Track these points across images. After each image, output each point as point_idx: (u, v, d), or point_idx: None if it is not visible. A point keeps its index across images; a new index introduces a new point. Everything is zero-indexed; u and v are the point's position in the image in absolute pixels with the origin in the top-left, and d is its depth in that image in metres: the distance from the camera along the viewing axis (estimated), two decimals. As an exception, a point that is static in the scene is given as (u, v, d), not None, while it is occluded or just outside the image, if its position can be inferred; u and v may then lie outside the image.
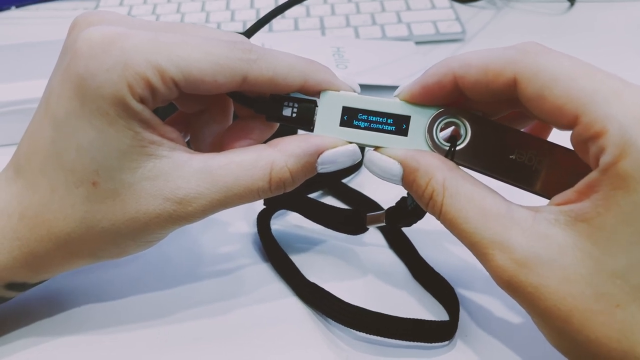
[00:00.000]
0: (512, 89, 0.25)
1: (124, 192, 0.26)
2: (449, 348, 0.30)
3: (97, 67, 0.25)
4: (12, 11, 0.71)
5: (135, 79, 0.24)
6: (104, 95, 0.25)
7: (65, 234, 0.27)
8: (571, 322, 0.23)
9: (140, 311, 0.32)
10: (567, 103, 0.23)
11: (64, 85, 0.26)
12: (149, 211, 0.26)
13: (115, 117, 0.25)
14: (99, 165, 0.26)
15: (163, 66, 0.25)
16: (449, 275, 0.33)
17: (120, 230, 0.27)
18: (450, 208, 0.25)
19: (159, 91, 0.25)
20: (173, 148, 0.27)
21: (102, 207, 0.26)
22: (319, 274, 0.34)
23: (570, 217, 0.23)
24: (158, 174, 0.26)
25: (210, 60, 0.25)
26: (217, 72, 0.26)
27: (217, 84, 0.26)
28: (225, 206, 0.27)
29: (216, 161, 0.27)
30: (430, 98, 0.27)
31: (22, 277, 0.28)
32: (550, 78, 0.23)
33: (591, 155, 0.23)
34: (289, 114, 0.28)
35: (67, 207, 0.26)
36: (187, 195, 0.26)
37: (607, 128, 0.22)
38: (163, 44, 0.25)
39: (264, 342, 0.31)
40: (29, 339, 0.31)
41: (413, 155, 0.27)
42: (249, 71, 0.26)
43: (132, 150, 0.26)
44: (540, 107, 0.24)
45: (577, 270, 0.23)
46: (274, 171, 0.27)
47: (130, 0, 0.68)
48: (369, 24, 0.61)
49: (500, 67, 0.25)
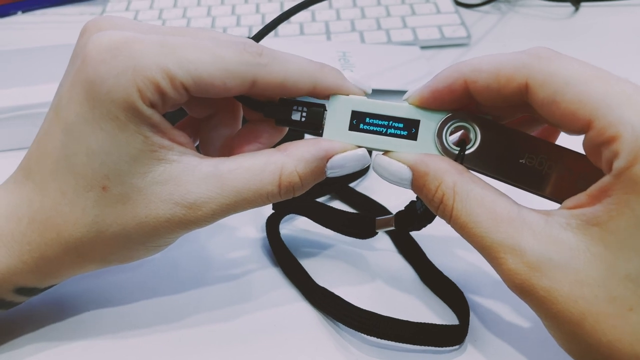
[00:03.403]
0: (524, 94, 0.25)
1: (134, 197, 0.26)
2: (459, 352, 0.30)
3: (107, 72, 0.25)
4: (19, 16, 0.71)
5: (145, 83, 0.25)
6: (114, 99, 0.25)
7: (75, 239, 0.27)
8: (583, 326, 0.23)
9: (148, 316, 0.32)
10: (580, 108, 0.23)
11: (74, 89, 0.26)
12: (159, 215, 0.26)
13: (126, 122, 0.25)
14: (109, 170, 0.26)
15: (172, 70, 0.25)
16: (458, 280, 0.33)
17: (131, 235, 0.27)
18: (460, 212, 0.25)
19: (169, 95, 0.25)
20: (183, 152, 0.27)
21: (112, 212, 0.26)
22: (329, 278, 0.34)
23: (583, 220, 0.23)
24: (168, 178, 0.26)
25: (220, 64, 0.26)
26: (226, 76, 0.26)
27: (226, 87, 0.26)
28: (235, 210, 0.27)
29: (226, 166, 0.27)
30: (440, 103, 0.27)
31: (32, 281, 0.28)
32: (562, 83, 0.23)
33: (604, 160, 0.23)
34: (298, 118, 0.29)
35: (77, 211, 0.26)
36: (197, 199, 0.26)
37: (621, 133, 0.22)
38: (172, 48, 0.25)
39: (274, 346, 0.31)
40: (38, 344, 0.31)
41: (423, 160, 0.27)
42: (259, 75, 0.26)
43: (142, 154, 0.26)
44: (552, 112, 0.24)
45: (590, 273, 0.23)
46: (284, 176, 0.27)
47: (136, 5, 0.69)
48: (374, 29, 0.61)
49: (511, 72, 0.25)
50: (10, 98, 0.46)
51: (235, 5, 0.67)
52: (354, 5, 0.66)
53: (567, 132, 0.25)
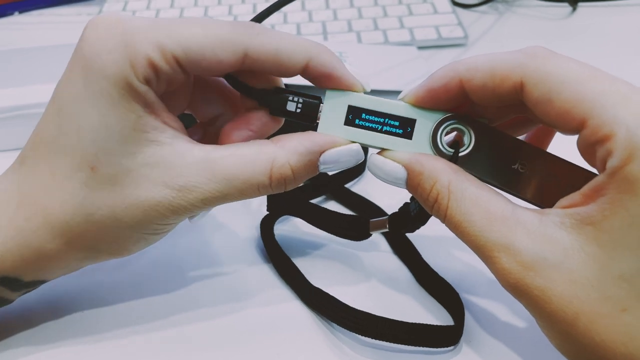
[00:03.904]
0: (519, 92, 0.25)
1: (123, 178, 0.26)
2: (454, 353, 0.30)
3: (101, 49, 0.25)
4: (16, 16, 0.72)
5: (137, 58, 0.25)
6: (107, 75, 0.25)
7: (62, 222, 0.26)
8: (576, 326, 0.23)
9: (142, 316, 0.32)
10: (575, 107, 0.23)
11: (70, 70, 0.26)
12: (148, 198, 0.26)
13: (118, 99, 0.25)
14: (99, 149, 0.25)
15: (164, 43, 0.25)
16: (453, 280, 0.33)
17: (120, 218, 0.26)
18: (455, 211, 0.25)
19: (162, 69, 0.25)
20: (175, 136, 0.27)
21: (101, 193, 0.26)
22: (323, 279, 0.34)
23: (577, 220, 0.23)
24: (159, 160, 0.26)
25: (210, 34, 0.25)
26: (217, 46, 0.25)
27: (218, 59, 0.26)
28: (225, 199, 0.27)
29: (218, 152, 0.27)
30: (436, 102, 0.27)
31: (16, 271, 0.27)
32: (557, 82, 0.23)
33: (598, 159, 0.23)
34: (293, 109, 0.28)
35: (65, 193, 0.26)
36: (187, 183, 0.26)
37: (615, 132, 0.22)
38: (163, 24, 0.26)
39: (269, 347, 0.31)
40: (32, 344, 0.31)
41: (418, 159, 0.27)
42: (250, 45, 0.26)
43: (133, 134, 0.26)
44: (547, 111, 0.24)
45: (583, 273, 0.22)
46: (275, 167, 0.27)
47: (133, 6, 0.69)
48: (371, 29, 0.61)
49: (507, 71, 0.25)
50: (7, 98, 0.46)
51: (232, 5, 0.67)
52: (351, 6, 0.66)
53: (562, 131, 0.25)
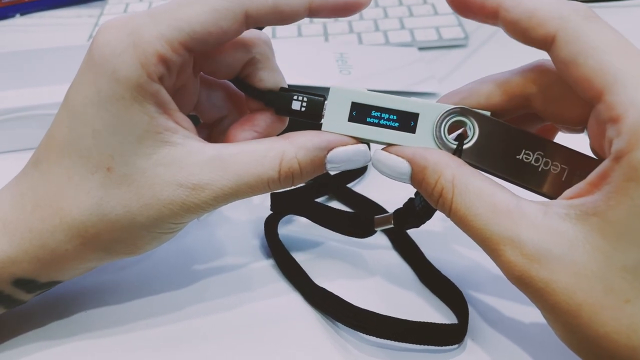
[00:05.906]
0: (548, 44, 0.24)
1: (138, 178, 0.26)
2: (459, 351, 0.30)
3: (110, 52, 0.25)
4: (17, 19, 0.72)
5: (146, 56, 0.25)
6: (119, 79, 0.25)
7: (78, 222, 0.27)
8: (580, 317, 0.23)
9: (145, 314, 0.32)
10: (597, 77, 0.23)
11: (81, 75, 0.26)
12: (163, 197, 0.27)
13: (131, 101, 0.25)
14: (114, 150, 0.26)
15: (169, 35, 0.25)
16: (456, 277, 0.33)
17: (135, 218, 0.27)
18: (460, 205, 0.25)
19: (172, 61, 0.26)
20: (187, 136, 0.27)
21: (116, 193, 0.26)
22: (327, 278, 0.34)
23: (582, 211, 0.23)
24: (172, 160, 0.27)
25: (207, 9, 0.26)
26: (218, 17, 0.26)
27: (223, 30, 0.26)
28: (237, 195, 0.27)
29: (229, 150, 0.27)
30: (466, 10, 0.27)
31: (32, 273, 0.28)
32: (588, 46, 0.23)
33: (607, 140, 0.23)
34: (298, 107, 0.29)
35: (82, 194, 0.27)
36: (200, 181, 0.27)
37: (628, 113, 0.22)
38: (163, 14, 0.26)
39: (272, 346, 0.31)
40: (37, 343, 0.31)
41: (421, 154, 0.27)
42: (248, 5, 0.26)
43: (147, 135, 0.26)
44: (569, 73, 0.24)
45: (588, 265, 0.22)
46: (284, 161, 0.27)
47: (134, 8, 0.69)
48: (372, 30, 0.61)
49: (546, 18, 0.24)
50: (9, 100, 0.46)
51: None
52: (352, 8, 0.66)
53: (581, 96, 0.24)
